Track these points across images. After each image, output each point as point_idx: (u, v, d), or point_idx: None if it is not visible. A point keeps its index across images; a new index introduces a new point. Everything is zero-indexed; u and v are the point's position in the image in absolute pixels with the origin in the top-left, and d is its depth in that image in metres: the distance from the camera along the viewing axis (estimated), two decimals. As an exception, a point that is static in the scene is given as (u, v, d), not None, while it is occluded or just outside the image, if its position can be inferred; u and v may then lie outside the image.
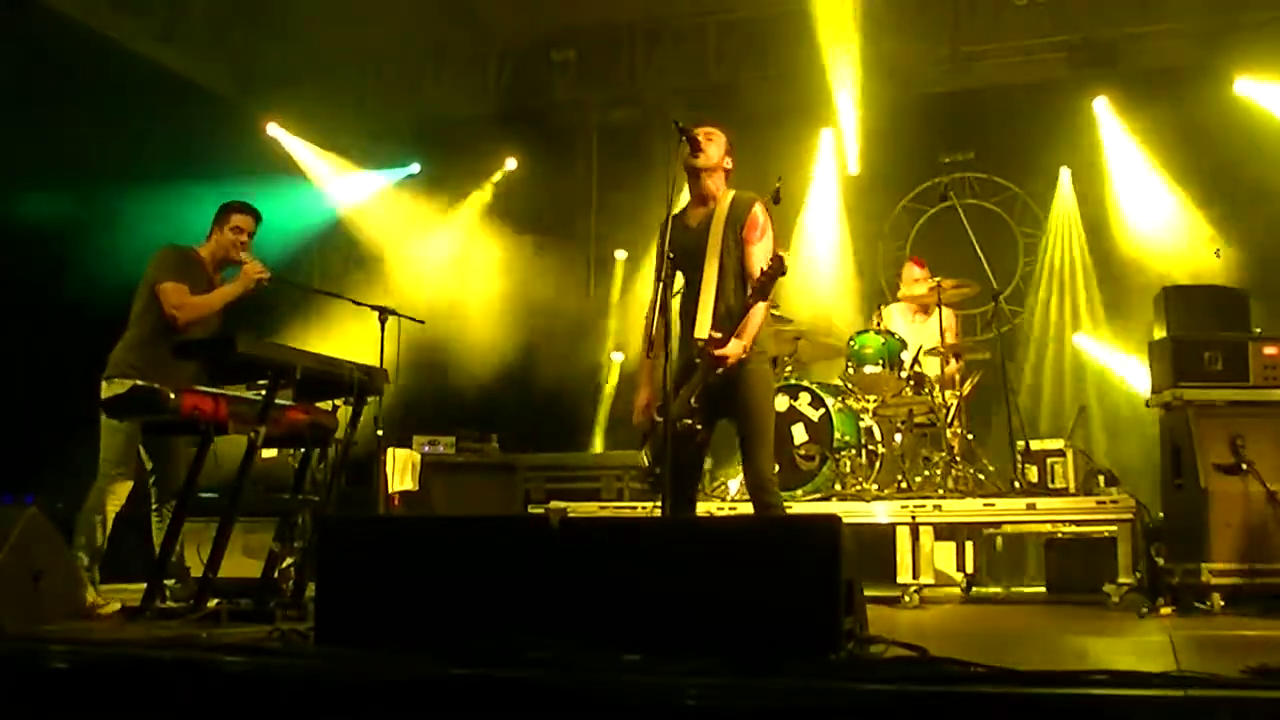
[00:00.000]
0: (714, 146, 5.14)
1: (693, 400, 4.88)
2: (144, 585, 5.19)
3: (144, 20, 10.06)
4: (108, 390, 5.67)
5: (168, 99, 9.68)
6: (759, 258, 5.01)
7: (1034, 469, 7.45)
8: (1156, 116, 9.79)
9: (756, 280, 4.89)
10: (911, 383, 7.79)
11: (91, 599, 5.27)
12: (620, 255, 11.61)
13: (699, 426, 4.92)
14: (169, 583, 5.53)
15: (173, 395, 5.14)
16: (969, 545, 8.24)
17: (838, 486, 7.58)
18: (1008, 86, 10.51)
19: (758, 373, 5.03)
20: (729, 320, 4.95)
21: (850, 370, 7.84)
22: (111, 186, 8.79)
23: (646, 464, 5.15)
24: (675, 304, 5.16)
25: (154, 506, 5.96)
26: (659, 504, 4.93)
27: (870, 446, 7.80)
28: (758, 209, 5.10)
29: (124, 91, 8.94)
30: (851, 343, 7.93)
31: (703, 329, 4.96)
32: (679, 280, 5.22)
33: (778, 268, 4.82)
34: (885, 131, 10.53)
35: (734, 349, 4.87)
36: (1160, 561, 6.37)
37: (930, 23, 10.44)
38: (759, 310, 4.97)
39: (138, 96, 9.10)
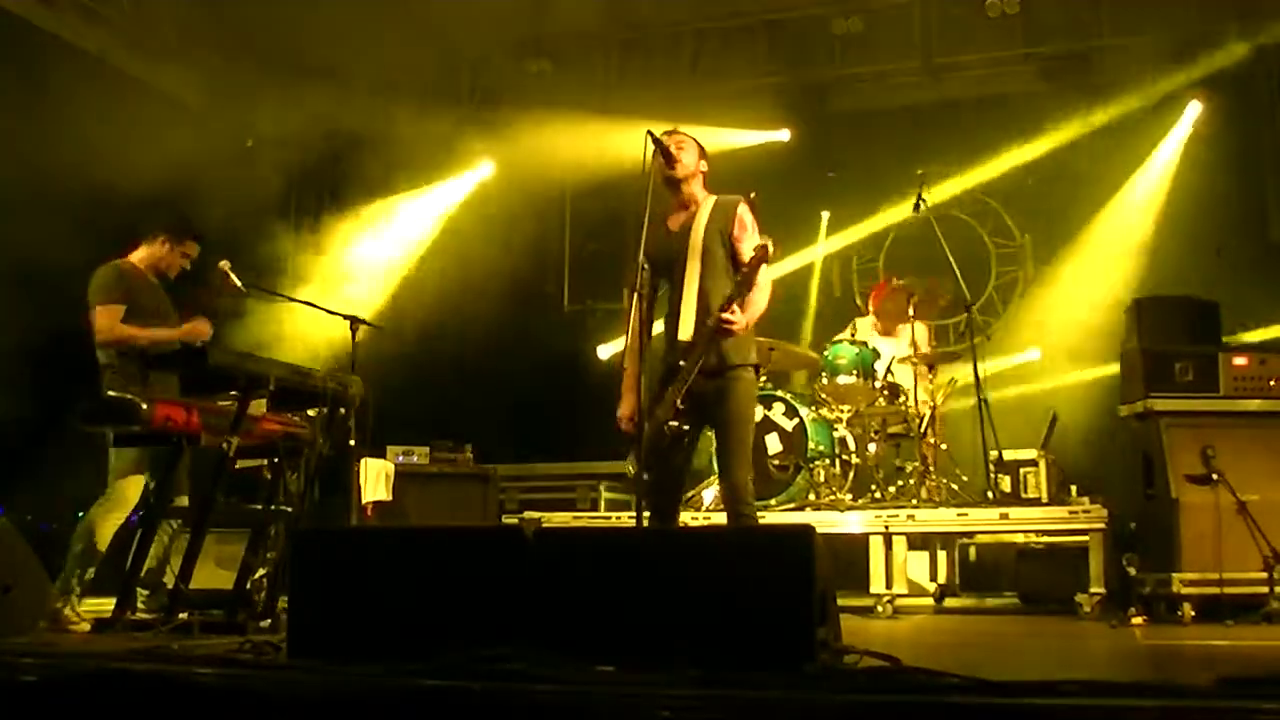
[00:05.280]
0: (687, 154, 5.11)
1: (679, 402, 4.85)
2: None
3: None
4: None
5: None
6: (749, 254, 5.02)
7: (1007, 479, 7.48)
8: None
9: (742, 270, 4.88)
10: (885, 393, 7.82)
11: (66, 613, 5.22)
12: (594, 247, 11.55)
13: (686, 427, 4.89)
14: (141, 593, 5.49)
15: (144, 406, 5.10)
16: (942, 555, 8.29)
17: (811, 496, 7.59)
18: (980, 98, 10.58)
19: (743, 380, 4.98)
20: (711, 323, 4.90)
21: (824, 380, 7.85)
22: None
23: (633, 472, 5.11)
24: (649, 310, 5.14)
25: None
26: (634, 514, 4.92)
27: (844, 456, 7.83)
28: (742, 209, 5.09)
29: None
30: (825, 353, 7.95)
31: (686, 331, 4.93)
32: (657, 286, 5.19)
33: (762, 255, 4.85)
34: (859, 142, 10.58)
35: (739, 319, 4.85)
36: (1132, 571, 6.41)
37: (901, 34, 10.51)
38: (760, 296, 4.98)
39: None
